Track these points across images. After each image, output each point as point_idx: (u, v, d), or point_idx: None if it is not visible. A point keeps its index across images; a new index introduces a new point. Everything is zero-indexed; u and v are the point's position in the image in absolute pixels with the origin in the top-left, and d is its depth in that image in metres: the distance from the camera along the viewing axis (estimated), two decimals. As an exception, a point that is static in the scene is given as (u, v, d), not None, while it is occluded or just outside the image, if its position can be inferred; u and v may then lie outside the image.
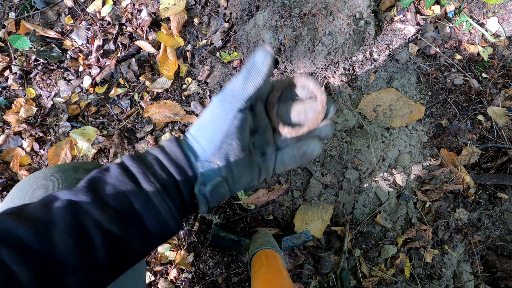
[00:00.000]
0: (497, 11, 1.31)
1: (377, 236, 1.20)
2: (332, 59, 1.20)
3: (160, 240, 0.39)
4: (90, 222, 0.34)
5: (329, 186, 1.18)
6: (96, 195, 0.35)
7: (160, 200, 0.36)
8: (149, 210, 0.36)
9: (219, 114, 0.38)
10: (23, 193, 0.53)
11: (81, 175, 0.57)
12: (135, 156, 0.39)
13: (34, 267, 0.30)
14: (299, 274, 1.16)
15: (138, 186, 0.36)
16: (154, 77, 1.27)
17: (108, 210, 0.35)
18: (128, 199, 0.36)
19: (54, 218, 0.33)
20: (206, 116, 0.39)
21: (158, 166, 0.38)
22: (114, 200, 0.35)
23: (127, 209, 0.36)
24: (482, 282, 1.19)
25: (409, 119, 1.24)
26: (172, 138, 0.41)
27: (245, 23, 1.22)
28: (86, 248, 0.33)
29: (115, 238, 0.35)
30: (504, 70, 1.28)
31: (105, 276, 0.36)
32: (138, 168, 0.37)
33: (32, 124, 1.21)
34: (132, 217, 0.36)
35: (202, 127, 0.39)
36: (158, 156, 0.39)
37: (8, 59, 1.24)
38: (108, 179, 0.36)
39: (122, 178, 0.36)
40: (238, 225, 1.17)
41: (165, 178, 0.38)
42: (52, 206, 0.34)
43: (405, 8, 1.30)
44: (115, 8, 1.30)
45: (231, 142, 0.39)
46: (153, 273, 1.12)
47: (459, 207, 1.21)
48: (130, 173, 0.37)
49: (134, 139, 1.23)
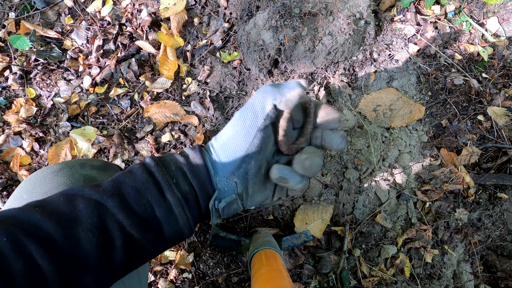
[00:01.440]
0: (497, 11, 1.31)
1: (377, 236, 1.20)
2: (332, 59, 1.20)
3: (172, 244, 0.40)
4: (114, 225, 0.35)
5: (329, 186, 1.18)
6: (121, 199, 0.36)
7: (180, 211, 0.38)
8: (169, 220, 0.38)
9: (241, 132, 0.39)
10: (32, 187, 0.54)
11: (88, 171, 0.59)
12: (159, 160, 0.40)
13: (58, 263, 0.31)
14: (299, 274, 1.16)
15: (162, 195, 0.37)
16: (154, 77, 1.27)
17: (131, 216, 0.36)
18: (151, 207, 0.37)
19: (79, 216, 0.34)
20: (228, 132, 0.40)
21: (182, 177, 0.39)
22: (138, 205, 0.36)
23: (149, 215, 0.37)
24: (482, 282, 1.19)
25: (409, 119, 1.24)
26: (196, 148, 0.41)
27: (245, 23, 1.22)
28: (107, 250, 0.34)
29: (134, 242, 0.36)
30: (504, 70, 1.28)
31: (116, 275, 0.37)
32: (163, 177, 0.38)
33: (32, 124, 1.21)
34: (152, 223, 0.37)
35: (225, 143, 0.40)
36: (182, 166, 0.40)
37: (8, 59, 1.24)
38: (133, 182, 0.37)
39: (148, 185, 0.37)
40: (238, 225, 1.17)
41: (187, 190, 0.39)
42: (78, 203, 0.35)
43: (405, 8, 1.30)
44: (115, 8, 1.30)
45: (250, 161, 0.39)
46: (153, 273, 1.12)
47: (459, 207, 1.21)
48: (155, 180, 0.38)
49: (134, 139, 1.23)
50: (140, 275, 0.60)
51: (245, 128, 0.38)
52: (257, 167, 0.40)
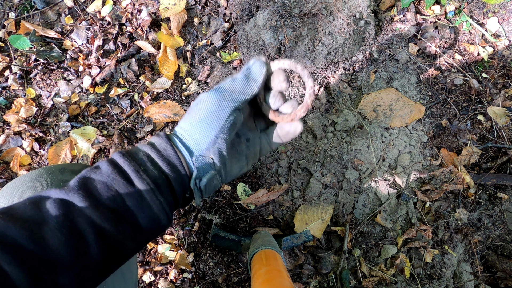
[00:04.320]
0: (497, 11, 1.31)
1: (377, 236, 1.20)
2: (332, 59, 1.20)
3: (151, 235, 0.40)
4: (82, 220, 0.34)
5: (329, 186, 1.18)
6: (87, 193, 0.35)
7: (152, 196, 0.37)
8: (141, 207, 0.37)
9: (217, 111, 0.40)
10: (9, 196, 0.52)
11: (68, 176, 0.57)
12: (125, 153, 0.39)
13: (27, 267, 0.30)
14: (299, 274, 1.16)
15: (130, 183, 0.37)
16: (154, 77, 1.27)
17: (100, 208, 0.35)
18: (120, 197, 0.36)
19: (45, 217, 0.33)
20: (201, 112, 0.40)
21: (150, 163, 0.39)
22: (106, 197, 0.35)
23: (119, 206, 0.36)
24: (482, 282, 1.19)
25: (409, 119, 1.24)
26: (161, 134, 0.41)
27: (245, 23, 1.22)
28: (79, 246, 0.33)
29: (108, 236, 0.35)
30: (504, 70, 1.28)
31: (97, 274, 0.36)
32: (129, 166, 0.37)
33: (32, 124, 1.21)
34: (124, 215, 0.36)
35: (198, 122, 0.40)
36: (149, 153, 0.39)
37: (8, 59, 1.24)
38: (99, 177, 0.37)
39: (114, 176, 0.36)
40: (238, 225, 1.17)
41: (157, 175, 0.38)
42: (43, 205, 0.34)
43: (405, 8, 1.30)
44: (115, 8, 1.30)
45: (225, 136, 0.41)
46: (153, 273, 1.12)
47: (459, 207, 1.21)
48: (121, 171, 0.37)
49: (134, 139, 1.23)
50: (126, 277, 0.59)
51: (222, 107, 0.40)
52: (230, 141, 0.42)
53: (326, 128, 1.23)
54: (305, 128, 1.23)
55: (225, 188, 1.18)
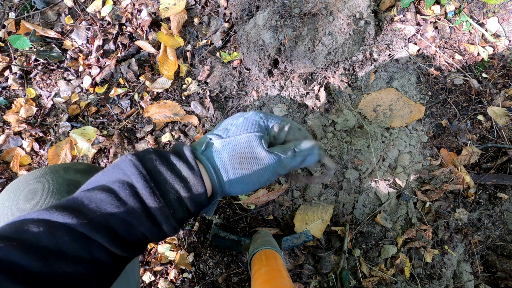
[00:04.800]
0: (497, 11, 1.31)
1: (377, 236, 1.20)
2: (332, 59, 1.20)
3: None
4: (106, 255, 0.35)
5: (329, 186, 1.18)
6: (111, 233, 0.34)
7: (173, 233, 0.39)
8: (161, 238, 0.38)
9: (267, 180, 0.44)
10: (13, 195, 0.52)
11: (72, 175, 0.57)
12: (150, 181, 0.36)
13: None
14: (299, 274, 1.16)
15: (157, 226, 0.37)
16: (154, 77, 1.27)
17: (124, 246, 0.35)
18: (144, 236, 0.37)
19: (64, 249, 0.32)
20: (255, 174, 0.42)
21: (179, 206, 0.38)
22: (130, 236, 0.36)
23: (142, 241, 0.37)
24: (482, 282, 1.19)
25: (409, 119, 1.24)
26: (196, 169, 0.39)
27: (245, 23, 1.21)
28: (99, 272, 0.35)
29: (125, 258, 0.37)
30: (504, 70, 1.28)
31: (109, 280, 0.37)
32: (159, 210, 0.36)
33: (32, 124, 1.21)
34: (144, 245, 0.38)
35: (246, 183, 0.42)
36: (181, 193, 0.38)
37: (8, 59, 1.24)
38: (123, 214, 0.35)
39: (141, 219, 0.35)
40: (238, 225, 1.17)
41: (182, 216, 0.39)
42: (61, 234, 0.32)
43: (405, 8, 1.30)
44: (115, 8, 1.30)
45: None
46: (153, 273, 1.12)
47: (459, 207, 1.21)
48: (149, 213, 0.36)
49: (134, 139, 1.23)
50: (129, 279, 0.59)
51: (272, 178, 0.44)
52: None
53: (326, 128, 1.23)
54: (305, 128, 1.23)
55: (225, 188, 1.18)
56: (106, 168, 0.38)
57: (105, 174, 0.37)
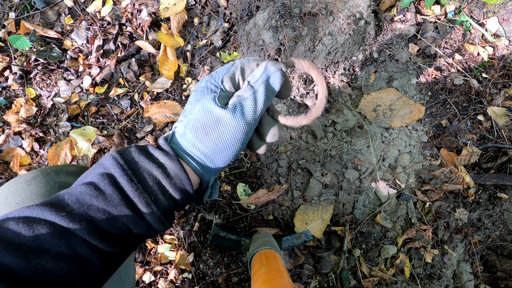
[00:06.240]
0: (497, 11, 1.31)
1: (377, 236, 1.20)
2: (332, 59, 1.20)
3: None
4: (88, 249, 0.34)
5: (329, 186, 1.18)
6: (91, 225, 0.34)
7: (159, 226, 0.38)
8: (148, 233, 0.38)
9: (243, 140, 0.40)
10: (4, 199, 0.52)
11: (63, 178, 0.56)
12: (129, 170, 0.36)
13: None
14: (299, 274, 1.16)
15: (139, 216, 0.36)
16: (154, 77, 1.27)
17: (106, 239, 0.35)
18: (127, 227, 0.36)
19: (45, 245, 0.32)
20: (224, 138, 0.39)
21: (161, 193, 0.37)
22: (112, 228, 0.35)
23: (126, 234, 0.36)
24: (482, 282, 1.19)
25: (409, 119, 1.24)
26: (171, 154, 0.39)
27: (245, 23, 1.21)
28: (84, 270, 0.34)
29: (112, 255, 0.36)
30: (504, 70, 1.28)
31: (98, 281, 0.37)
32: (139, 197, 0.35)
33: (32, 124, 1.21)
34: (130, 239, 0.37)
35: (221, 150, 0.39)
36: (160, 180, 0.37)
37: (8, 59, 1.24)
38: (103, 204, 0.34)
39: (122, 208, 0.35)
40: (238, 225, 1.17)
41: (166, 205, 0.38)
42: (39, 229, 0.32)
43: (405, 8, 1.30)
44: (115, 8, 1.30)
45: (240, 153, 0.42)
46: (153, 273, 1.12)
47: (459, 207, 1.21)
48: (129, 201, 0.35)
49: (134, 139, 1.23)
50: (123, 280, 0.59)
51: (247, 136, 0.40)
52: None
53: (326, 128, 1.23)
54: (305, 128, 1.23)
55: (225, 188, 1.18)
56: (90, 167, 0.39)
57: (88, 171, 0.38)
